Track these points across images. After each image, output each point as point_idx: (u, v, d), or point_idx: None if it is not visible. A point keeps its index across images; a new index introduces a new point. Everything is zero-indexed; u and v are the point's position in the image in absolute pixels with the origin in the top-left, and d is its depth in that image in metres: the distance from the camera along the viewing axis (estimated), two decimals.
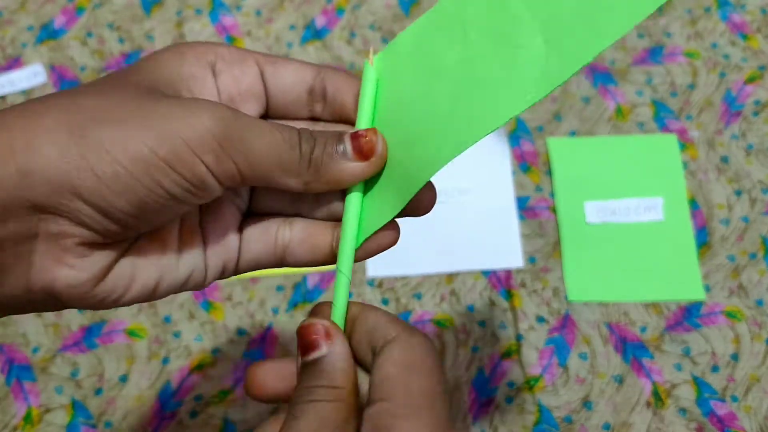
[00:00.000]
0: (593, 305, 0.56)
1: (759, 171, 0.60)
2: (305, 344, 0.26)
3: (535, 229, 0.58)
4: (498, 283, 0.56)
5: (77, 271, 0.24)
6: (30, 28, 0.67)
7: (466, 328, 0.55)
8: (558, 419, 0.52)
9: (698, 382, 0.53)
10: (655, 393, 0.53)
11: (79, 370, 0.54)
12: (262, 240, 0.28)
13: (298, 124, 0.29)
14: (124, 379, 0.54)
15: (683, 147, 0.61)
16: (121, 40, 0.66)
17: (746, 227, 0.58)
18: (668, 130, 0.62)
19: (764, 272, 0.56)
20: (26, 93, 0.64)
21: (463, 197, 0.59)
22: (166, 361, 0.54)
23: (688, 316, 0.55)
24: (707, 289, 0.56)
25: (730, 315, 0.55)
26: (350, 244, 0.27)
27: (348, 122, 0.29)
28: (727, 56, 0.64)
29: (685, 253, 0.57)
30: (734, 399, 0.52)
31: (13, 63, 0.65)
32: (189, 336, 0.55)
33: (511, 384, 0.53)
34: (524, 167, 0.60)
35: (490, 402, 0.53)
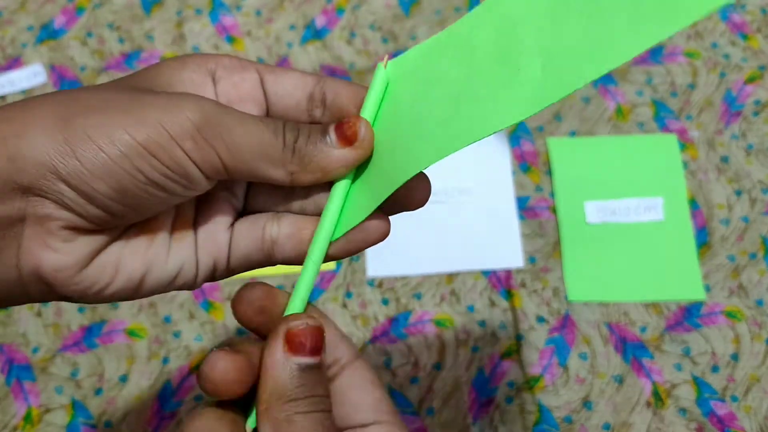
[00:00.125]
0: (593, 305, 0.56)
1: (759, 171, 0.60)
2: (302, 346, 0.26)
3: (535, 229, 0.58)
4: (498, 283, 0.56)
5: (61, 254, 0.24)
6: (30, 28, 0.67)
7: (466, 328, 0.55)
8: (558, 419, 0.52)
9: (698, 382, 0.53)
10: (655, 393, 0.53)
11: (79, 370, 0.54)
12: (250, 235, 0.28)
13: None
14: (124, 379, 0.54)
15: (683, 147, 0.61)
16: (121, 40, 0.66)
17: (746, 227, 0.58)
18: (668, 130, 0.62)
19: (764, 272, 0.56)
20: (26, 93, 0.64)
21: (463, 197, 0.59)
22: (166, 361, 0.54)
23: (688, 316, 0.55)
24: (707, 289, 0.56)
25: (730, 315, 0.55)
26: (326, 232, 0.27)
27: None
28: (727, 56, 0.64)
29: (685, 253, 0.57)
30: (734, 399, 0.52)
31: (13, 63, 0.65)
32: (189, 336, 0.55)
33: (511, 384, 0.53)
34: (524, 167, 0.60)
35: (490, 402, 0.53)
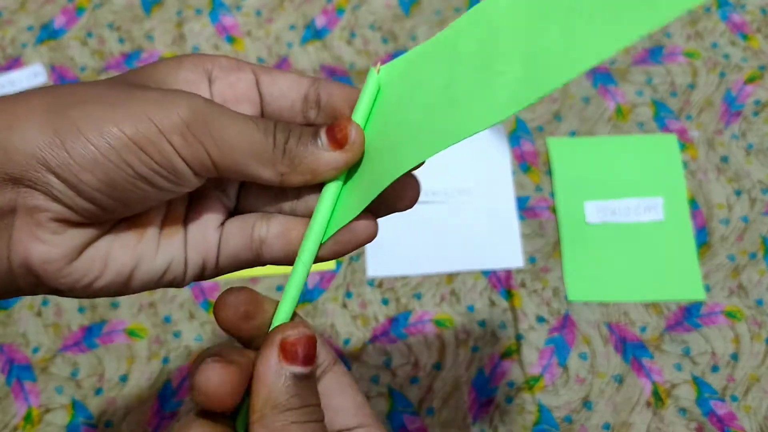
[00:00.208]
0: (593, 305, 0.56)
1: (759, 171, 0.60)
2: (296, 355, 0.25)
3: (535, 229, 0.58)
4: (498, 283, 0.56)
5: (50, 246, 0.25)
6: (30, 28, 0.67)
7: (466, 328, 0.55)
8: (558, 419, 0.52)
9: (698, 382, 0.53)
10: (655, 393, 0.53)
11: (79, 370, 0.54)
12: (239, 234, 0.28)
13: None
14: (124, 379, 0.54)
15: (683, 147, 0.61)
16: (121, 41, 0.66)
17: (746, 227, 0.58)
18: (668, 130, 0.62)
19: (764, 272, 0.56)
20: None
21: (463, 197, 0.59)
22: (166, 361, 0.54)
23: (688, 316, 0.55)
24: (707, 289, 0.56)
25: (730, 315, 0.55)
26: (316, 234, 0.27)
27: None
28: (727, 56, 0.64)
29: (685, 253, 0.57)
30: (734, 399, 0.52)
31: (13, 63, 0.65)
32: (189, 336, 0.55)
33: (511, 384, 0.53)
34: (524, 167, 0.60)
35: (490, 402, 0.53)
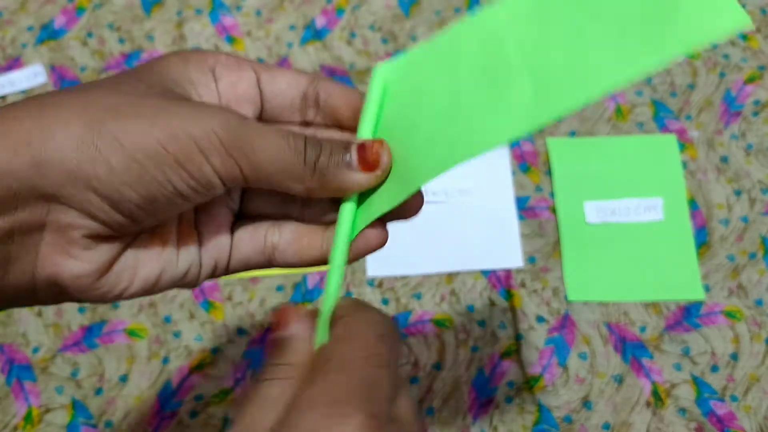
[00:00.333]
0: (593, 305, 0.56)
1: (758, 171, 0.60)
2: (274, 327, 0.26)
3: (535, 229, 0.58)
4: (498, 283, 0.57)
5: (82, 262, 0.25)
6: (30, 28, 0.67)
7: (466, 328, 0.55)
8: (558, 419, 0.52)
9: (698, 382, 0.53)
10: (655, 393, 0.53)
11: (80, 370, 0.54)
12: (252, 241, 0.29)
13: (291, 128, 0.29)
14: (124, 379, 0.54)
15: (683, 147, 0.61)
16: (121, 41, 0.66)
17: (746, 227, 0.58)
18: (668, 130, 0.62)
19: (764, 272, 0.56)
20: (26, 93, 0.64)
21: (463, 197, 0.59)
22: (166, 361, 0.54)
23: (687, 316, 0.55)
24: (707, 289, 0.56)
25: (729, 315, 0.55)
26: (344, 239, 0.27)
27: (339, 126, 0.29)
28: (726, 56, 0.65)
29: (684, 253, 0.57)
30: (734, 399, 0.52)
31: (13, 63, 0.65)
32: (189, 336, 0.55)
33: (511, 384, 0.53)
34: (524, 167, 0.60)
35: (490, 402, 0.53)
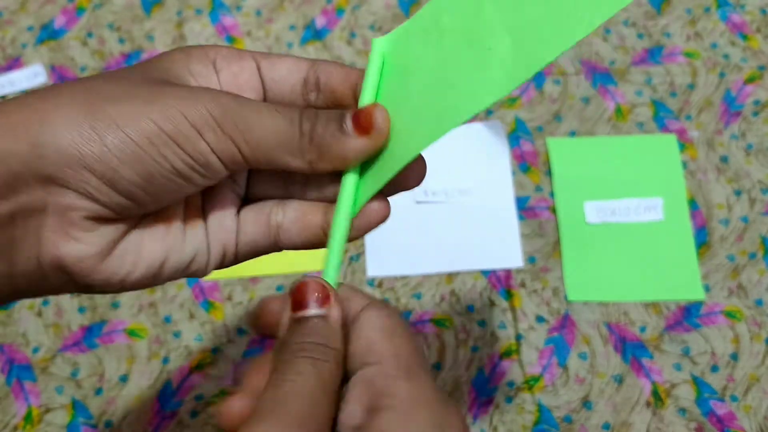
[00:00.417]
0: (593, 305, 0.56)
1: (758, 171, 0.60)
2: (301, 301, 0.26)
3: (535, 229, 0.58)
4: (498, 283, 0.57)
5: (84, 244, 0.25)
6: (30, 28, 0.67)
7: (466, 328, 0.55)
8: (558, 419, 0.52)
9: (698, 382, 0.53)
10: (655, 393, 0.53)
11: (80, 370, 0.54)
12: (257, 221, 0.29)
13: None
14: (124, 379, 0.54)
15: (683, 147, 0.61)
16: (121, 41, 0.66)
17: (746, 227, 0.58)
18: (668, 130, 0.62)
19: (764, 272, 0.56)
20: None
21: (463, 197, 0.59)
22: (166, 361, 0.54)
23: (687, 316, 0.55)
24: (707, 289, 0.56)
25: (729, 315, 0.55)
26: (345, 213, 0.27)
27: (340, 106, 0.29)
28: (726, 56, 0.65)
29: (684, 253, 0.57)
30: (734, 399, 0.52)
31: (13, 63, 0.65)
32: (189, 336, 0.55)
33: (511, 384, 0.53)
34: (524, 167, 0.60)
35: (489, 402, 0.53)
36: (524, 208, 0.59)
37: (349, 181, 0.27)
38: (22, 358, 0.54)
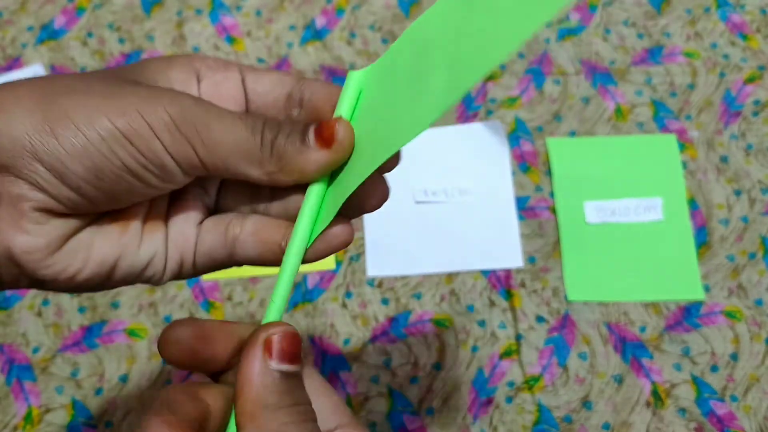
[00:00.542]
0: (593, 305, 0.56)
1: (758, 171, 0.60)
2: (295, 353, 0.25)
3: (535, 229, 0.58)
4: (498, 283, 0.57)
5: (33, 236, 0.25)
6: (30, 28, 0.67)
7: (466, 328, 0.55)
8: (558, 419, 0.52)
9: (698, 382, 0.53)
10: (655, 393, 0.53)
11: (80, 370, 0.54)
12: (215, 231, 0.28)
13: None
14: (124, 379, 0.54)
15: (683, 147, 0.61)
16: (121, 41, 0.66)
17: (746, 227, 0.58)
18: (668, 130, 0.62)
19: (764, 272, 0.56)
20: None
21: (463, 197, 0.59)
22: (166, 361, 0.54)
23: (687, 316, 0.55)
24: (707, 289, 0.56)
25: (729, 315, 0.55)
26: (301, 237, 0.27)
27: None
28: (726, 56, 0.65)
29: (684, 253, 0.57)
30: (734, 399, 0.52)
31: (13, 63, 0.65)
32: None
33: (511, 384, 0.53)
34: (524, 167, 0.60)
35: (489, 402, 0.53)
36: (524, 208, 0.59)
37: (309, 201, 0.27)
38: (22, 358, 0.54)
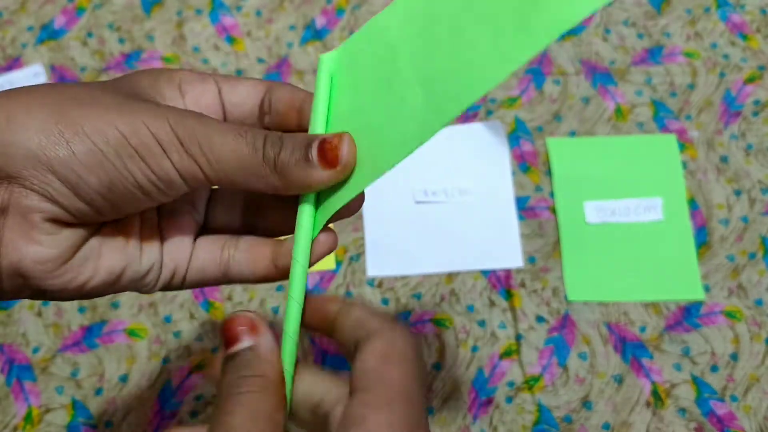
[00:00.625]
0: (593, 305, 0.56)
1: (758, 171, 0.60)
2: (230, 337, 0.26)
3: (535, 229, 0.58)
4: (498, 283, 0.57)
5: (45, 247, 0.25)
6: (30, 28, 0.67)
7: (466, 328, 0.55)
8: (558, 419, 0.52)
9: (698, 382, 0.53)
10: (655, 393, 0.53)
11: (80, 370, 0.54)
12: (210, 250, 0.30)
13: None
14: (124, 379, 0.54)
15: (683, 147, 0.61)
16: (121, 41, 0.66)
17: (746, 227, 0.58)
18: (668, 130, 0.62)
19: (764, 272, 0.56)
20: None
21: (463, 197, 0.59)
22: (166, 361, 0.54)
23: (687, 316, 0.55)
24: (707, 289, 0.56)
25: (729, 315, 0.55)
26: (305, 239, 0.28)
27: (291, 130, 0.29)
28: (726, 56, 0.65)
29: (684, 253, 0.57)
30: (734, 399, 0.52)
31: (13, 63, 0.65)
32: (189, 336, 0.55)
33: (511, 384, 0.53)
34: (524, 167, 0.60)
35: (489, 402, 0.53)
36: (524, 208, 0.59)
37: (306, 211, 0.28)
38: (22, 358, 0.54)
